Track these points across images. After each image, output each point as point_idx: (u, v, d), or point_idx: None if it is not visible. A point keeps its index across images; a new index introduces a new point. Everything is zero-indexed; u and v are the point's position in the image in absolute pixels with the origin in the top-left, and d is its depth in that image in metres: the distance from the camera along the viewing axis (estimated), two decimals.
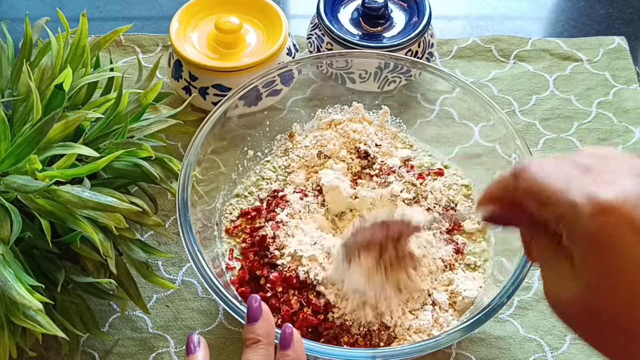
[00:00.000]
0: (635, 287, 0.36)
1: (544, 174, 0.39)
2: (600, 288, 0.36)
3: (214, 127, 0.67)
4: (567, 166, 0.39)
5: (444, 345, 0.57)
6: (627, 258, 0.35)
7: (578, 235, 0.37)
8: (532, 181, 0.39)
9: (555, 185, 0.38)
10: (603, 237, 0.36)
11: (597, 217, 0.36)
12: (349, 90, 0.77)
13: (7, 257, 0.54)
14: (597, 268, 0.36)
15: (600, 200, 0.36)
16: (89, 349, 0.66)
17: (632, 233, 0.36)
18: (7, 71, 0.65)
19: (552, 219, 0.38)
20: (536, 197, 0.39)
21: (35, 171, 0.54)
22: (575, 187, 0.37)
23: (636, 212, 0.36)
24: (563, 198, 0.37)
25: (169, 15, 0.80)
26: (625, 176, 0.38)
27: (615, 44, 0.88)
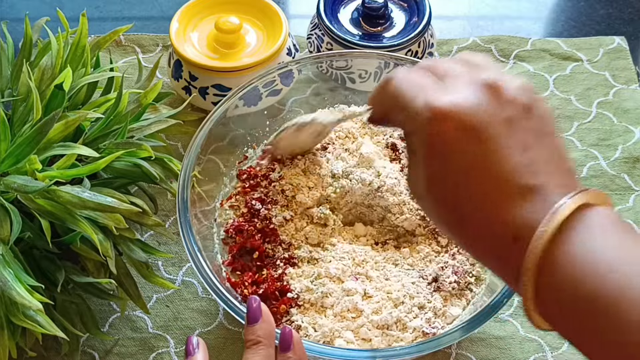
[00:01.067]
0: (459, 188, 0.41)
1: (403, 83, 0.44)
2: (435, 183, 0.42)
3: (214, 127, 0.67)
4: (424, 76, 0.44)
5: (444, 345, 0.57)
6: (454, 159, 0.41)
7: (418, 138, 0.42)
8: (393, 89, 0.45)
9: (408, 94, 0.43)
10: (435, 141, 0.41)
11: (431, 122, 0.41)
12: (349, 90, 0.77)
13: (7, 257, 0.54)
14: (431, 167, 0.42)
15: (435, 107, 0.41)
16: (89, 349, 0.66)
17: (462, 136, 0.41)
18: (7, 71, 0.65)
19: (399, 125, 0.45)
20: (394, 103, 0.44)
21: (35, 171, 0.54)
22: (421, 95, 0.42)
23: (467, 117, 0.41)
24: (410, 105, 0.43)
25: (169, 15, 0.80)
26: (465, 85, 0.42)
27: (615, 44, 0.88)
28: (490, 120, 0.41)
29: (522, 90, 0.43)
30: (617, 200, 0.76)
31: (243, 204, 0.69)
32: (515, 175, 0.40)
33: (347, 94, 0.76)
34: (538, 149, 0.41)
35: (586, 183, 0.77)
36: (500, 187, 0.40)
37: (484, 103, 0.41)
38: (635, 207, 0.75)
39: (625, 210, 0.75)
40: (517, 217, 0.39)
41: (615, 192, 0.76)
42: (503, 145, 0.40)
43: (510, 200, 0.40)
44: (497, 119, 0.41)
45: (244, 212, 0.68)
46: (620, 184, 0.77)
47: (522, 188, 0.40)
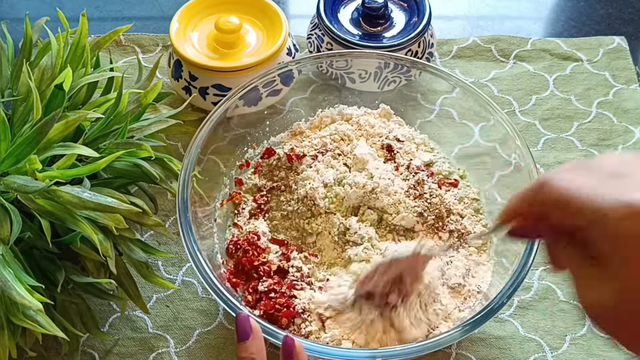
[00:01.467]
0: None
1: (568, 185, 0.39)
2: (634, 290, 0.37)
3: (214, 127, 0.67)
4: (588, 174, 0.40)
5: (444, 345, 0.57)
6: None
7: (610, 239, 0.37)
8: (557, 192, 0.40)
9: (582, 194, 0.38)
10: (635, 240, 0.36)
11: (628, 219, 0.36)
12: (349, 90, 0.77)
13: (7, 257, 0.54)
14: (631, 269, 0.37)
15: (631, 203, 0.36)
16: (89, 349, 0.66)
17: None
18: (7, 71, 0.65)
19: (582, 227, 0.39)
20: (563, 208, 0.39)
21: (35, 171, 0.54)
22: (603, 194, 0.38)
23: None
24: (592, 205, 0.38)
25: (169, 15, 0.80)
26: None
27: (615, 44, 0.88)
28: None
29: None
30: None
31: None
32: None
33: (347, 94, 0.77)
34: None
35: None
36: None
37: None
38: None
39: None
40: None
41: None
42: None
43: None
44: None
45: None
46: None
47: None
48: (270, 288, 0.63)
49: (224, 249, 0.68)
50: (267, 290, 0.63)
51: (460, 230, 0.68)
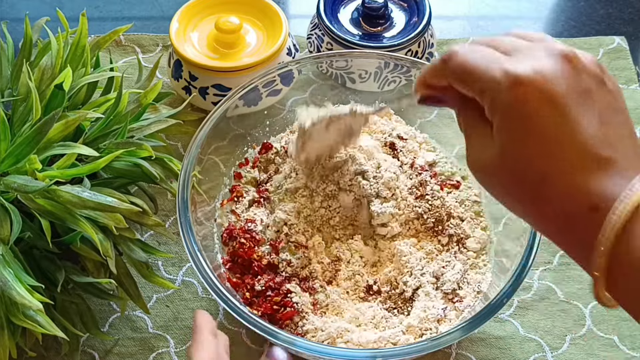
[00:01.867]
0: (539, 151, 0.41)
1: (471, 56, 0.44)
2: (513, 150, 0.41)
3: (214, 127, 0.67)
4: (490, 49, 0.44)
5: (444, 345, 0.57)
6: (536, 124, 0.40)
7: (497, 105, 0.42)
8: (460, 63, 0.44)
9: (480, 64, 0.43)
10: (517, 106, 0.41)
11: (513, 88, 0.41)
12: (349, 90, 0.77)
13: (7, 257, 0.54)
14: (510, 133, 0.41)
15: (516, 74, 0.41)
16: (89, 349, 0.66)
17: (543, 102, 0.40)
18: (7, 71, 0.65)
19: (477, 95, 0.43)
20: (464, 77, 0.44)
21: (35, 171, 0.54)
22: (497, 65, 0.42)
23: (549, 84, 0.40)
24: (486, 74, 0.42)
25: (169, 15, 0.80)
26: (542, 55, 0.42)
27: (615, 44, 0.88)
28: (569, 89, 0.41)
29: (596, 64, 0.43)
30: None
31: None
32: (592, 145, 0.40)
33: (347, 94, 0.76)
34: (613, 123, 0.41)
35: None
36: (578, 155, 0.40)
37: (564, 72, 0.41)
38: None
39: None
40: (594, 187, 0.39)
41: None
42: (581, 115, 0.41)
43: (587, 169, 0.40)
44: (576, 89, 0.41)
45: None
46: None
47: (600, 158, 0.40)
48: (267, 285, 0.63)
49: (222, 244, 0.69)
50: (264, 289, 0.63)
51: (459, 234, 0.68)
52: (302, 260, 0.65)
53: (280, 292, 0.63)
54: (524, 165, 0.41)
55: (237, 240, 0.66)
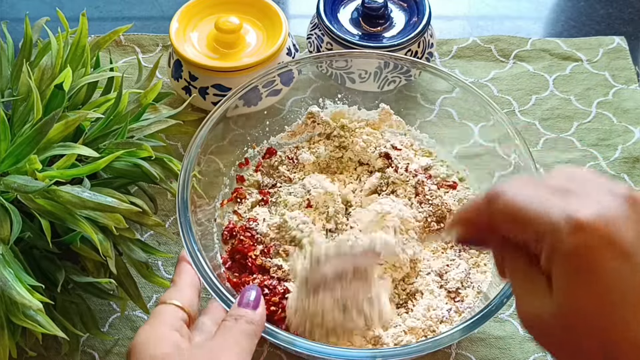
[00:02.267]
0: (605, 307, 0.36)
1: (521, 197, 0.39)
2: (574, 307, 0.37)
3: (214, 127, 0.67)
4: (543, 189, 0.40)
5: (444, 345, 0.57)
6: (601, 277, 0.36)
7: (557, 254, 0.37)
8: (510, 204, 0.40)
9: (534, 207, 0.38)
10: (580, 256, 0.36)
11: (575, 235, 0.36)
12: (349, 90, 0.77)
13: (7, 257, 0.54)
14: (572, 287, 0.37)
15: (579, 219, 0.36)
16: (89, 349, 0.66)
17: (609, 251, 0.36)
18: (7, 71, 0.65)
19: (531, 240, 0.39)
20: (514, 220, 0.39)
21: (35, 171, 0.54)
22: (554, 208, 0.37)
23: (614, 230, 0.36)
24: (542, 218, 0.38)
25: (169, 15, 0.80)
26: (603, 196, 0.38)
27: (615, 44, 0.88)
28: (637, 234, 0.37)
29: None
30: None
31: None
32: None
33: (347, 94, 0.77)
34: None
35: None
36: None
37: (629, 215, 0.37)
38: None
39: None
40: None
41: None
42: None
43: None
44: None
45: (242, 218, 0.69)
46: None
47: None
48: (262, 285, 0.63)
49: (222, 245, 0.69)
50: (260, 288, 0.63)
51: None
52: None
53: (277, 292, 0.63)
54: (594, 322, 0.36)
55: (237, 238, 0.67)
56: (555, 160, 0.78)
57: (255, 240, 0.66)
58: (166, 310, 0.52)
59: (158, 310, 0.52)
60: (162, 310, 0.52)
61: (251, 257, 0.65)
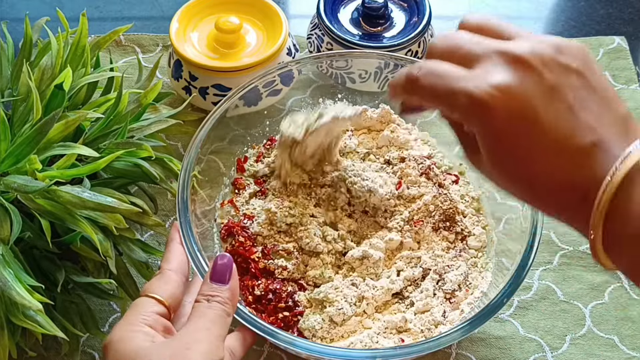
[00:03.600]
0: (522, 164, 0.42)
1: (432, 81, 0.44)
2: (498, 163, 0.43)
3: (214, 127, 0.67)
4: (447, 65, 0.44)
5: (444, 345, 0.57)
6: (509, 140, 0.42)
7: (471, 124, 0.43)
8: (425, 88, 0.45)
9: (444, 89, 0.44)
10: (488, 127, 0.42)
11: (478, 110, 0.42)
12: (349, 90, 0.77)
13: (7, 257, 0.54)
14: (490, 149, 0.43)
15: (476, 96, 0.42)
16: (89, 349, 0.66)
17: (512, 118, 0.41)
18: (7, 71, 0.65)
19: (452, 114, 0.45)
20: (433, 101, 0.45)
21: (35, 171, 0.54)
22: (458, 87, 0.43)
23: (511, 102, 0.41)
24: (451, 100, 0.43)
25: (169, 15, 0.80)
26: (498, 66, 0.43)
27: (615, 44, 0.88)
28: (531, 94, 0.41)
29: (553, 51, 0.43)
30: None
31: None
32: (573, 138, 0.41)
33: (347, 94, 0.76)
34: (590, 105, 0.42)
35: None
36: (562, 153, 0.41)
37: (522, 79, 0.42)
38: None
39: None
40: (584, 178, 0.41)
41: None
42: (551, 113, 0.41)
43: (574, 163, 0.41)
44: (539, 91, 0.41)
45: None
46: None
47: (583, 148, 0.41)
48: (266, 289, 0.63)
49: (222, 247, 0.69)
50: (264, 293, 0.63)
51: (462, 230, 0.67)
52: (299, 266, 0.65)
53: (282, 297, 0.63)
54: (511, 174, 0.43)
55: (235, 238, 0.66)
56: None
57: (253, 241, 0.66)
58: (143, 303, 0.52)
59: (135, 303, 0.53)
60: (139, 303, 0.52)
61: (254, 261, 0.65)
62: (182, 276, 0.56)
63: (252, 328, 0.56)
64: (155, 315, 0.52)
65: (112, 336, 0.50)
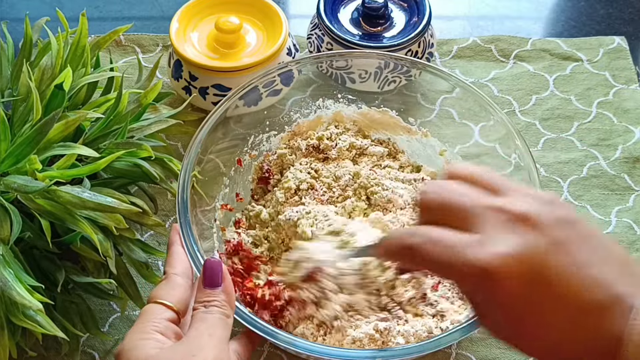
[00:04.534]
0: (539, 328, 0.41)
1: (431, 251, 0.43)
2: (514, 328, 0.43)
3: (214, 127, 0.67)
4: (446, 232, 0.43)
5: (444, 345, 0.56)
6: (522, 309, 0.41)
7: (478, 298, 0.43)
8: (425, 260, 0.43)
9: (445, 261, 0.42)
10: (494, 298, 0.41)
11: (484, 281, 0.40)
12: (349, 90, 0.77)
13: (7, 257, 0.54)
14: (498, 321, 0.43)
15: (482, 267, 0.40)
16: (89, 349, 0.66)
17: (520, 286, 0.40)
18: (7, 71, 0.65)
19: (454, 282, 0.44)
20: (434, 271, 0.46)
21: (35, 171, 0.54)
22: (461, 259, 0.41)
23: (518, 267, 0.40)
24: (453, 271, 0.42)
25: (169, 15, 0.80)
26: (499, 229, 0.42)
27: (615, 44, 0.88)
28: (539, 255, 0.40)
29: (548, 207, 0.42)
30: (617, 200, 0.76)
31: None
32: (587, 294, 0.40)
33: (347, 94, 0.76)
34: (591, 255, 0.41)
35: (586, 183, 0.77)
36: (579, 313, 0.40)
37: (525, 242, 0.41)
38: (635, 207, 0.75)
39: (625, 211, 0.75)
40: (605, 333, 0.40)
41: (615, 192, 0.76)
42: (561, 270, 0.40)
43: (592, 321, 0.40)
44: (544, 249, 0.40)
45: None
46: (620, 184, 0.77)
47: (598, 303, 0.40)
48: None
49: (223, 249, 0.68)
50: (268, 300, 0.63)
51: None
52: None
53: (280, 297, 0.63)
54: (530, 339, 0.42)
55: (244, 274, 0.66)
56: (556, 160, 0.78)
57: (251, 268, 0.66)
58: (152, 310, 0.52)
59: (145, 310, 0.52)
60: (148, 310, 0.52)
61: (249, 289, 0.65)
62: (188, 279, 0.56)
63: (252, 328, 0.56)
64: (166, 321, 0.51)
65: (123, 345, 0.50)
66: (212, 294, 0.52)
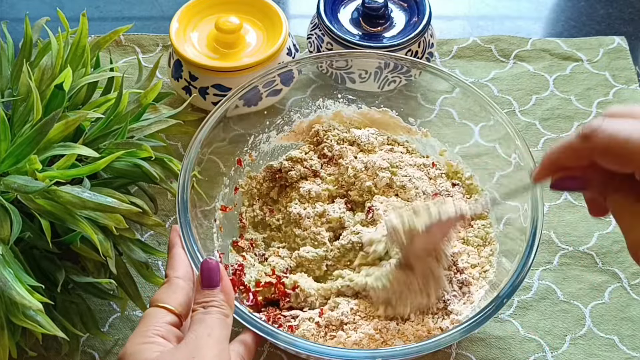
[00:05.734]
0: None
1: (621, 129, 0.39)
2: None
3: (214, 127, 0.67)
4: (635, 121, 0.39)
5: (444, 345, 0.57)
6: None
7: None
8: (610, 137, 0.39)
9: (635, 138, 0.38)
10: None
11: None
12: (349, 90, 0.77)
13: (7, 257, 0.54)
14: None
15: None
16: (89, 349, 0.66)
17: None
18: (7, 71, 0.65)
19: (637, 170, 0.38)
20: (617, 152, 0.39)
21: (35, 171, 0.54)
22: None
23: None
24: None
25: (169, 15, 0.80)
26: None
27: (615, 44, 0.88)
28: None
29: None
30: None
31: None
32: None
33: (347, 94, 0.76)
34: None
35: None
36: None
37: None
38: None
39: None
40: None
41: None
42: None
43: None
44: None
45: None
46: None
47: None
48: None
49: (223, 248, 0.69)
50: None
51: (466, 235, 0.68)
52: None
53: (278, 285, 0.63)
54: None
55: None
56: None
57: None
58: (154, 314, 0.52)
59: (146, 314, 0.52)
60: (150, 314, 0.52)
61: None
62: (190, 282, 0.56)
63: (252, 328, 0.56)
64: (168, 325, 0.52)
65: (125, 349, 0.50)
66: (210, 295, 0.52)
